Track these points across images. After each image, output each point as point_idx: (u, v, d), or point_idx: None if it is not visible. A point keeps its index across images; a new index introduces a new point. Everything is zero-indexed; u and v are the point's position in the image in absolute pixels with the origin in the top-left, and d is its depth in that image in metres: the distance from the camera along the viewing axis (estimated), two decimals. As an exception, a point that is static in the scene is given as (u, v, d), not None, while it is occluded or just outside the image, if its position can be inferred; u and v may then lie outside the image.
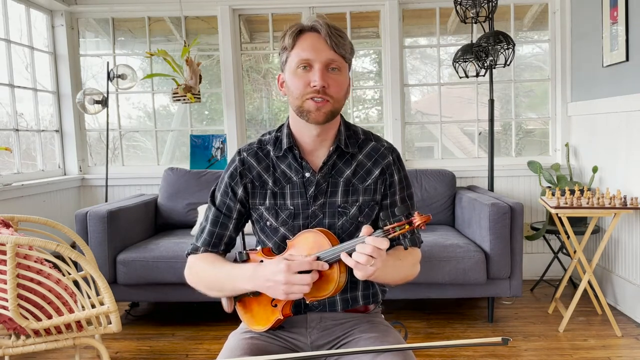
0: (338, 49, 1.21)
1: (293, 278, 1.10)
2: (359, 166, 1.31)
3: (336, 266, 1.15)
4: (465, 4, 3.06)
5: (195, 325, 2.92)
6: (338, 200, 1.29)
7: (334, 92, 1.21)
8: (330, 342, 1.30)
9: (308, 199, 1.28)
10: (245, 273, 1.20)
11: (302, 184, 1.29)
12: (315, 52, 1.20)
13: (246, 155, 1.33)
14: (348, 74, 1.28)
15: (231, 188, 1.32)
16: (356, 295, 1.33)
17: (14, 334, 1.94)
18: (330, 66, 1.21)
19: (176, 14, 3.71)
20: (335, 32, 1.21)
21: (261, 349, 1.24)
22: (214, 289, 1.28)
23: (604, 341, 2.61)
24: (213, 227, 1.33)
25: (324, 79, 1.19)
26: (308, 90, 1.20)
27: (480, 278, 2.71)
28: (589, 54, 3.31)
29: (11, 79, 3.23)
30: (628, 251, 2.93)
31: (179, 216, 3.34)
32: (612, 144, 3.06)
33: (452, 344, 1.01)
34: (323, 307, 1.31)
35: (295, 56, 1.21)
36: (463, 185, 3.61)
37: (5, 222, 2.09)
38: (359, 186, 1.30)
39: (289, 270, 1.10)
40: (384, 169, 1.32)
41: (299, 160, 1.29)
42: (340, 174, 1.30)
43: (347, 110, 3.86)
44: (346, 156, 1.31)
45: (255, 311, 1.28)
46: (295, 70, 1.22)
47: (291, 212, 1.29)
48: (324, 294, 1.15)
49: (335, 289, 1.15)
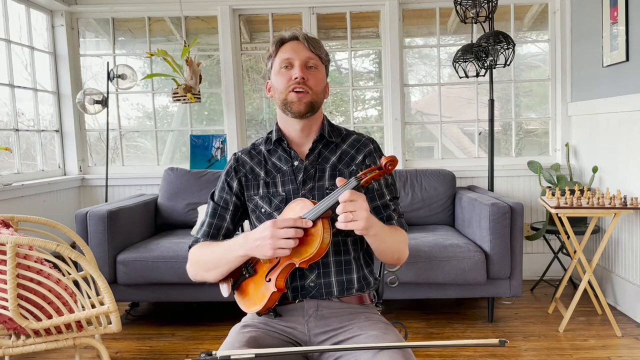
0: (314, 50, 1.39)
1: (278, 232, 1.18)
2: (344, 154, 1.45)
3: (319, 223, 1.21)
4: (465, 4, 3.06)
5: (195, 325, 2.92)
6: (326, 184, 1.40)
7: (312, 84, 1.37)
8: (327, 332, 1.33)
9: (298, 184, 1.40)
10: (237, 241, 1.30)
11: (292, 172, 1.41)
12: (294, 53, 1.38)
13: (240, 154, 1.49)
14: (325, 75, 1.44)
15: (227, 183, 1.46)
16: (351, 278, 1.38)
17: (14, 334, 1.94)
18: (308, 64, 1.38)
19: (176, 14, 3.71)
20: (312, 38, 1.41)
21: (260, 342, 1.26)
22: (211, 268, 1.35)
23: (604, 341, 2.61)
24: (211, 218, 1.45)
25: (303, 72, 1.36)
26: (290, 83, 1.36)
27: (480, 278, 2.71)
28: (589, 54, 3.31)
29: (11, 79, 3.23)
30: (628, 251, 2.93)
31: (179, 216, 3.34)
32: (612, 144, 3.06)
33: (452, 344, 1.01)
34: (319, 288, 1.35)
35: (278, 59, 1.40)
36: (463, 185, 3.61)
37: (5, 222, 2.10)
38: (344, 170, 1.42)
39: (274, 225, 1.19)
40: (366, 155, 1.44)
41: (288, 150, 1.43)
42: (326, 161, 1.43)
43: (347, 110, 3.86)
44: (331, 145, 1.45)
45: (251, 292, 1.33)
46: (279, 70, 1.39)
47: (283, 198, 1.40)
48: (311, 250, 1.20)
49: (320, 244, 1.20)
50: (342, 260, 1.37)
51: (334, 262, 1.36)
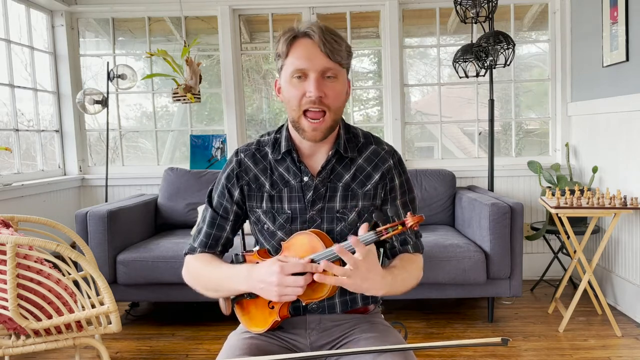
0: (333, 57, 1.17)
1: (286, 280, 1.09)
2: (359, 170, 1.29)
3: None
4: (465, 4, 3.06)
5: (195, 325, 2.92)
6: (337, 206, 1.26)
7: (331, 102, 1.18)
8: (329, 342, 1.30)
9: (306, 203, 1.26)
10: (240, 274, 1.19)
11: (300, 188, 1.27)
12: (309, 61, 1.16)
13: (243, 156, 1.32)
14: (346, 78, 1.25)
15: (228, 190, 1.32)
16: (355, 296, 1.32)
17: (14, 334, 1.94)
18: (325, 74, 1.18)
19: (176, 14, 3.71)
20: (330, 38, 1.17)
21: (261, 349, 1.24)
22: (210, 290, 1.28)
23: (604, 341, 2.61)
24: (210, 228, 1.33)
25: (319, 88, 1.16)
26: (304, 101, 1.17)
27: (480, 278, 2.71)
28: (589, 54, 3.31)
29: (11, 79, 3.23)
30: (628, 251, 2.93)
31: (179, 216, 3.34)
32: (612, 144, 3.06)
33: (452, 344, 1.01)
34: (322, 309, 1.30)
35: (290, 65, 1.18)
36: (463, 185, 3.61)
37: (5, 222, 2.09)
38: (358, 191, 1.27)
39: (282, 271, 1.09)
40: (384, 174, 1.29)
41: (298, 164, 1.27)
42: (339, 179, 1.27)
43: (347, 111, 3.86)
44: (345, 160, 1.29)
45: (252, 313, 1.27)
46: (290, 79, 1.19)
47: (288, 217, 1.27)
48: (319, 295, 1.15)
49: (329, 290, 1.14)
50: None
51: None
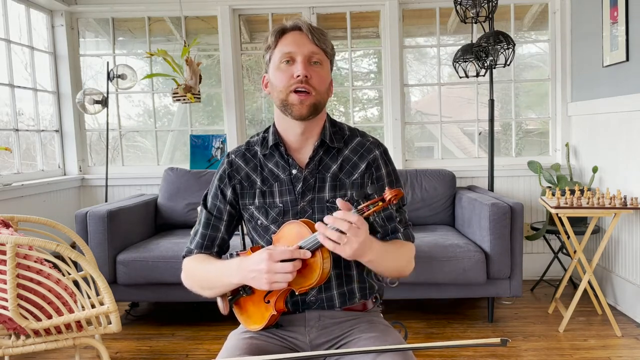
0: (319, 43, 1.25)
1: (275, 267, 1.11)
2: (345, 161, 1.33)
3: (319, 253, 1.15)
4: (465, 4, 3.06)
5: (195, 325, 2.92)
6: (326, 195, 1.30)
7: (316, 84, 1.24)
8: (329, 341, 1.30)
9: (296, 195, 1.30)
10: (231, 267, 1.22)
11: (290, 181, 1.31)
12: (297, 46, 1.24)
13: (234, 157, 1.37)
14: (330, 71, 1.31)
15: (220, 190, 1.36)
16: (352, 287, 1.32)
17: (14, 334, 1.94)
18: (312, 59, 1.25)
19: (176, 14, 3.71)
20: (316, 29, 1.26)
21: (260, 349, 1.24)
22: (206, 288, 1.30)
23: (604, 341, 2.61)
24: (205, 229, 1.37)
25: (306, 69, 1.23)
26: (292, 82, 1.23)
27: (480, 278, 2.71)
28: (589, 54, 3.31)
29: (11, 79, 3.23)
30: (628, 251, 2.93)
31: (179, 216, 3.34)
32: (612, 144, 3.06)
33: (452, 344, 1.01)
34: (321, 302, 1.30)
35: (279, 52, 1.25)
36: (463, 185, 3.61)
37: (5, 222, 2.09)
38: (345, 181, 1.31)
39: (270, 258, 1.12)
40: (370, 163, 1.33)
41: (285, 157, 1.32)
42: (327, 169, 1.32)
43: (347, 110, 3.86)
44: (332, 151, 1.33)
45: (250, 311, 1.29)
46: (279, 65, 1.25)
47: (280, 210, 1.31)
48: (310, 282, 1.16)
49: (320, 275, 1.15)
50: (342, 273, 1.30)
51: (335, 275, 1.29)
